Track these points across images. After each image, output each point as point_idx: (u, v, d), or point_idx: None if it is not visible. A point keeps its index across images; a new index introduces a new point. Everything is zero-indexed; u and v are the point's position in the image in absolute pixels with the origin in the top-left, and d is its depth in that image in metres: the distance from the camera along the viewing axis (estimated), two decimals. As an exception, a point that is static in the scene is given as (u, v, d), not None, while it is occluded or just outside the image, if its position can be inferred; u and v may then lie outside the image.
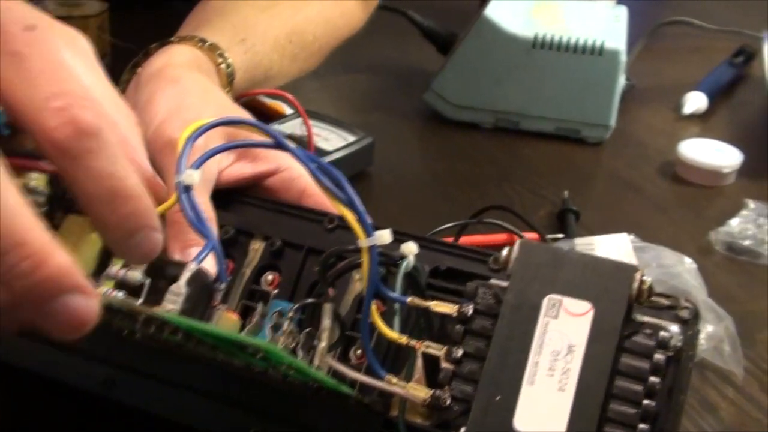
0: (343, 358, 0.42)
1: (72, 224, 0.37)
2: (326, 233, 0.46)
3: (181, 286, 0.35)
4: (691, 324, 0.38)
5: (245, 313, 0.45)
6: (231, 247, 0.46)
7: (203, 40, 0.60)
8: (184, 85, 0.53)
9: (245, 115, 0.53)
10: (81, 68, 0.37)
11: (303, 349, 0.39)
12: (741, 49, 1.03)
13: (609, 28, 0.84)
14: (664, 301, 0.38)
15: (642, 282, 0.36)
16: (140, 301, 0.35)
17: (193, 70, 0.56)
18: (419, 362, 0.39)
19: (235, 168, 0.50)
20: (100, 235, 0.33)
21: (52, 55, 0.32)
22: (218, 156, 0.48)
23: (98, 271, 0.37)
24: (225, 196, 0.48)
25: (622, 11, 0.88)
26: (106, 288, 0.36)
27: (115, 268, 0.36)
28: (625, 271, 0.36)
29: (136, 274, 0.35)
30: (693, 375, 0.37)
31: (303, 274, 0.45)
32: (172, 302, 0.35)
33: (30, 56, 0.32)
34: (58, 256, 0.29)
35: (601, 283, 0.36)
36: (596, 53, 0.81)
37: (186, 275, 0.35)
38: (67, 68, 0.33)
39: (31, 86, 0.31)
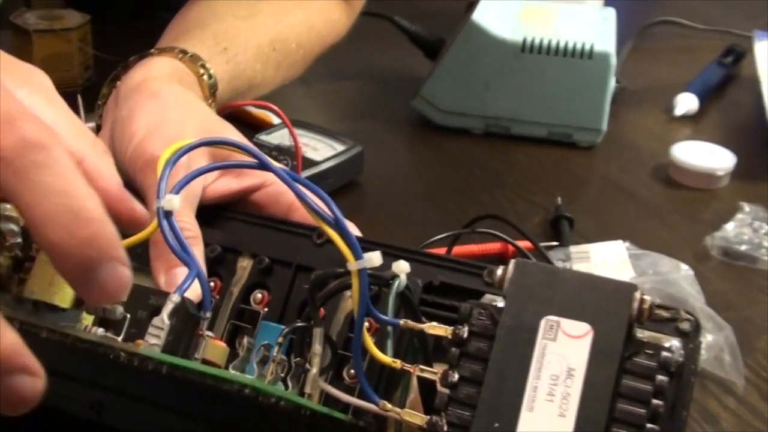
0: (336, 378, 0.41)
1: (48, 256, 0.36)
2: (315, 248, 0.45)
3: (163, 320, 0.33)
4: (692, 337, 0.37)
5: (234, 334, 0.44)
6: (218, 265, 0.45)
7: (184, 51, 0.58)
8: (165, 99, 0.51)
9: (228, 128, 0.52)
10: (40, 104, 0.36)
11: (293, 379, 0.37)
12: (730, 48, 1.03)
13: (598, 31, 0.83)
14: (664, 314, 0.37)
15: (642, 301, 0.35)
16: (121, 337, 0.34)
17: (174, 83, 0.55)
18: (414, 383, 0.38)
19: (220, 183, 0.48)
20: (60, 274, 0.30)
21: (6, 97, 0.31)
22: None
23: (77, 304, 0.35)
24: (210, 212, 0.47)
25: (611, 13, 0.87)
26: (86, 324, 0.34)
27: None
28: (624, 290, 0.35)
29: (117, 308, 0.34)
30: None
31: (293, 292, 0.44)
32: (155, 337, 0.33)
33: None
34: (5, 337, 0.28)
35: (599, 303, 0.35)
36: (586, 56, 0.80)
37: (168, 307, 0.34)
38: (11, 97, 0.31)
39: None
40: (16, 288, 0.35)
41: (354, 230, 0.49)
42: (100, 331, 0.34)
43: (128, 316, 0.34)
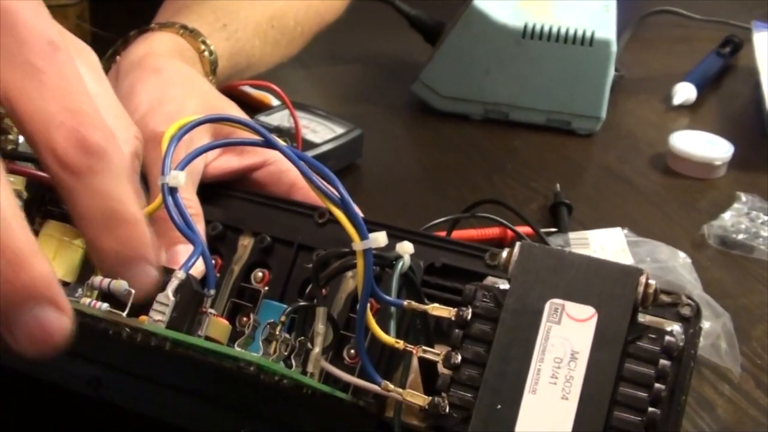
0: (337, 358, 0.41)
1: (52, 230, 0.36)
2: (317, 228, 0.44)
3: (168, 296, 0.33)
4: (692, 322, 0.37)
5: (234, 312, 0.44)
6: (219, 243, 0.45)
7: (185, 27, 0.58)
8: (167, 75, 0.51)
9: (231, 105, 0.52)
10: (90, 82, 0.36)
11: (296, 358, 0.37)
12: (728, 39, 1.03)
13: (599, 18, 0.83)
14: (666, 299, 0.37)
15: (647, 285, 0.35)
16: (125, 312, 0.33)
17: (176, 59, 0.55)
18: (414, 364, 0.38)
19: (221, 161, 0.48)
20: (95, 263, 0.32)
21: (70, 75, 0.32)
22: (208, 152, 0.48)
23: (81, 280, 0.35)
24: (212, 190, 0.47)
25: (612, 2, 0.87)
26: (89, 299, 0.34)
27: (99, 278, 0.34)
28: (630, 274, 0.35)
29: (121, 284, 0.34)
30: (690, 373, 0.37)
31: (294, 271, 0.44)
32: (160, 313, 0.33)
33: (48, 72, 0.31)
34: (39, 265, 0.28)
35: (604, 287, 0.35)
36: (587, 44, 0.80)
37: (174, 283, 0.33)
38: (82, 89, 0.32)
39: (44, 100, 0.31)
40: None
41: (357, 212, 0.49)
42: (105, 306, 0.34)
43: (133, 291, 0.34)
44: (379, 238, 0.35)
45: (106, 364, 0.44)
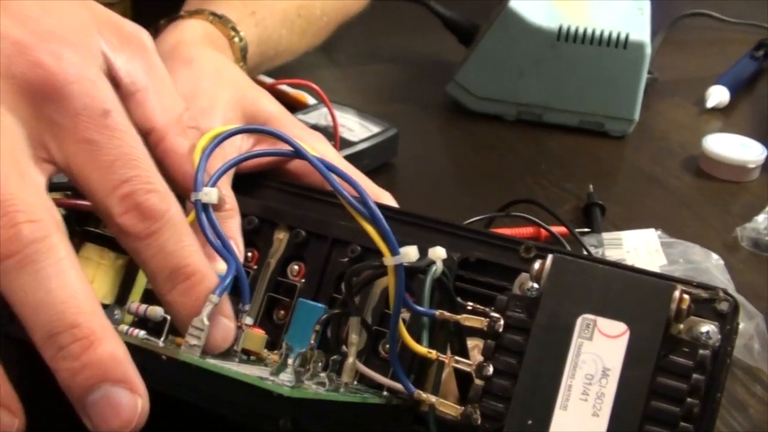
0: (372, 353, 0.41)
1: (90, 253, 0.36)
2: (351, 219, 0.45)
3: (203, 320, 0.33)
4: (729, 318, 0.36)
5: (271, 306, 0.45)
6: (255, 235, 0.45)
7: (214, 14, 0.58)
8: (199, 66, 0.51)
9: (262, 93, 0.52)
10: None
11: (330, 374, 0.37)
12: (762, 42, 1.02)
13: (633, 21, 0.83)
14: (703, 294, 0.36)
15: (681, 301, 0.34)
16: (162, 339, 0.34)
17: (207, 47, 0.55)
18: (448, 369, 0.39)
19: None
20: (170, 317, 0.33)
21: (123, 144, 0.33)
22: (238, 140, 0.48)
23: (118, 301, 0.36)
24: (247, 180, 0.47)
25: (646, 4, 0.87)
26: (126, 326, 0.35)
27: (136, 304, 0.35)
28: (663, 290, 0.35)
29: (157, 310, 0.34)
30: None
31: (329, 265, 0.44)
32: (195, 338, 0.33)
33: (102, 145, 0.33)
34: (111, 344, 0.28)
35: (637, 302, 0.35)
36: (621, 46, 0.80)
37: (208, 308, 0.33)
38: (136, 149, 0.33)
39: (101, 174, 0.32)
40: None
41: (391, 201, 0.49)
42: (142, 333, 0.34)
43: (168, 318, 0.34)
44: (410, 253, 0.35)
45: (148, 351, 0.45)
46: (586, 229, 0.65)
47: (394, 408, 0.38)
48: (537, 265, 0.37)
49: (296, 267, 0.45)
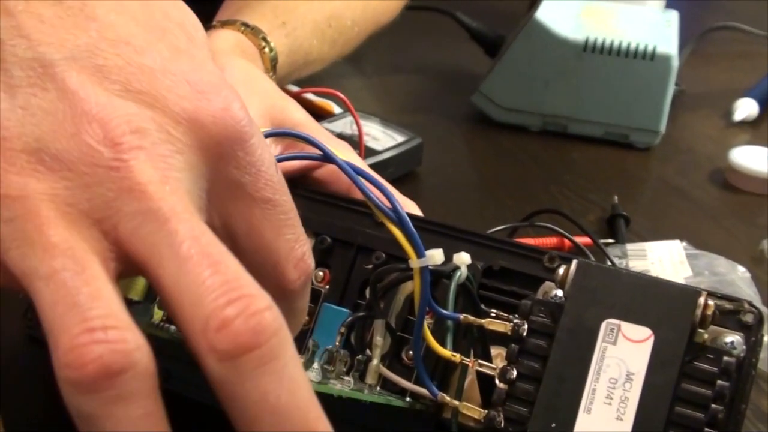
0: (395, 359, 0.42)
1: None
2: (375, 226, 0.45)
3: None
4: (754, 329, 0.36)
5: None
6: None
7: (245, 24, 0.59)
8: (229, 75, 0.52)
9: (290, 102, 0.53)
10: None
11: (355, 374, 0.38)
12: (791, 56, 1.02)
13: (660, 33, 0.83)
14: (727, 305, 0.36)
15: (706, 307, 0.34)
16: None
17: (237, 56, 0.56)
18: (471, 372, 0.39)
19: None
20: None
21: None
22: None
23: (149, 299, 0.36)
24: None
25: (674, 16, 0.87)
26: (157, 320, 0.35)
27: None
28: (687, 296, 0.35)
29: None
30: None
31: (353, 271, 0.44)
32: None
33: (278, 204, 0.30)
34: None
35: (661, 308, 0.35)
36: (648, 58, 0.80)
37: None
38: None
39: (276, 235, 0.30)
40: None
41: (415, 210, 0.49)
42: (173, 328, 0.34)
43: None
44: (436, 256, 0.35)
45: (176, 357, 0.46)
46: (611, 240, 0.64)
47: (416, 413, 0.38)
48: (561, 270, 0.37)
49: (321, 273, 0.45)
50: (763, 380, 0.52)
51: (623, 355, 0.34)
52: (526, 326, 0.37)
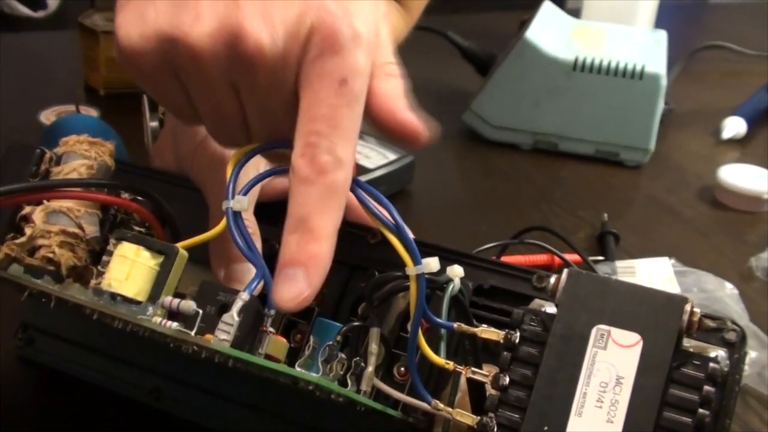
0: (387, 375, 0.42)
1: (125, 251, 0.37)
2: (369, 248, 0.46)
3: (233, 316, 0.34)
4: (737, 347, 0.37)
5: (289, 328, 0.46)
6: (275, 260, 0.47)
7: None
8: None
9: None
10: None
11: (351, 377, 0.39)
12: (779, 74, 1.03)
13: (649, 52, 0.84)
14: (711, 324, 0.37)
15: (692, 314, 0.35)
16: (193, 331, 0.35)
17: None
18: (463, 383, 0.39)
19: (276, 181, 0.50)
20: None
21: (355, 114, 0.38)
22: (260, 169, 0.49)
23: (151, 299, 0.37)
24: (268, 209, 0.48)
25: (662, 35, 0.88)
26: (158, 318, 0.36)
27: (168, 298, 0.36)
28: (675, 302, 0.36)
29: (190, 304, 0.35)
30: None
31: (347, 290, 0.45)
32: (225, 332, 0.34)
33: (337, 106, 0.36)
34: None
35: (650, 314, 0.36)
36: (636, 77, 0.81)
37: (238, 304, 0.35)
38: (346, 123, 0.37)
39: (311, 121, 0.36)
40: (95, 280, 0.37)
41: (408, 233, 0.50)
42: (174, 325, 0.35)
43: (200, 312, 0.35)
44: (432, 264, 0.36)
45: (166, 375, 0.46)
46: (600, 257, 0.65)
47: (408, 426, 0.39)
48: (553, 279, 0.38)
49: (314, 291, 0.46)
50: (752, 397, 0.53)
51: (613, 360, 0.35)
52: (518, 334, 0.37)
